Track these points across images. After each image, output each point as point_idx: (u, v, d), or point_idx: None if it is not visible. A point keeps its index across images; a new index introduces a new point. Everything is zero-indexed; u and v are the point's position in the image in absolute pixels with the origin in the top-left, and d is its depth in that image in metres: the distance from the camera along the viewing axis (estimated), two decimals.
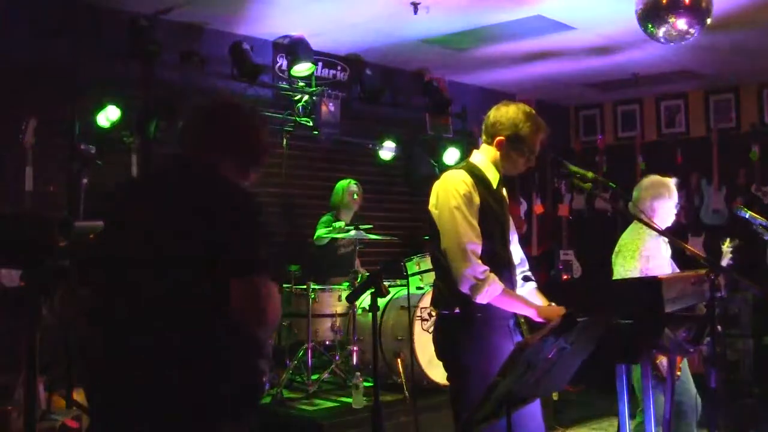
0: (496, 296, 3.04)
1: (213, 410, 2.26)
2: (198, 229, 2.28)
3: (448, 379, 3.24)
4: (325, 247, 6.24)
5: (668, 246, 4.31)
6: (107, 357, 2.32)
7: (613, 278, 4.13)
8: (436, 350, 3.26)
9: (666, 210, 4.27)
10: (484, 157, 3.27)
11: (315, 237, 6.22)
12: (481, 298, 3.03)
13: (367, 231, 5.88)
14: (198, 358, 2.25)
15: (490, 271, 3.04)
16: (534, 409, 3.07)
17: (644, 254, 4.12)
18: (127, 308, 2.30)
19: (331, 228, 6.06)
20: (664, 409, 3.69)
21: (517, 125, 3.20)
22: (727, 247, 4.63)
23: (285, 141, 6.34)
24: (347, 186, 6.38)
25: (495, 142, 3.23)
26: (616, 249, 4.25)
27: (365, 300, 5.30)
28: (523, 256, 3.46)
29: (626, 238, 4.24)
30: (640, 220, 3.78)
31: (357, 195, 6.38)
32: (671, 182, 4.33)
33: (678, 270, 4.25)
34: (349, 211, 6.39)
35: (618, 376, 3.53)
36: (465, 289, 3.04)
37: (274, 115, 6.23)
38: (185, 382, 2.24)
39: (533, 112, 3.26)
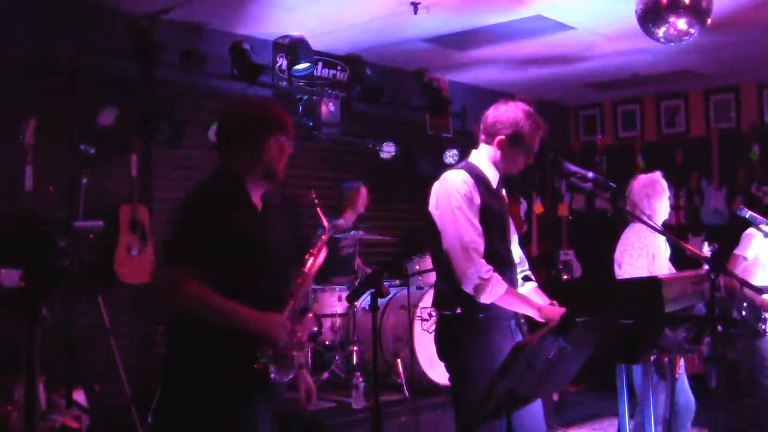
0: (500, 295, 3.03)
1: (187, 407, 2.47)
2: None
3: (449, 379, 3.23)
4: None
5: (667, 246, 4.31)
6: None
7: (620, 277, 4.14)
8: (437, 351, 3.25)
9: (663, 207, 4.32)
10: (484, 157, 3.27)
11: None
12: (485, 298, 3.02)
13: (366, 231, 5.86)
14: (175, 354, 2.52)
15: (494, 270, 3.04)
16: (535, 410, 3.06)
17: (650, 252, 4.14)
18: None
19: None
20: (664, 408, 3.69)
21: (517, 123, 3.19)
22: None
23: None
24: (360, 189, 6.38)
25: (495, 141, 3.23)
26: (621, 248, 4.24)
27: (365, 300, 5.29)
28: (522, 256, 3.45)
29: (631, 237, 4.24)
30: (642, 221, 3.78)
31: (367, 199, 6.39)
32: (660, 177, 4.37)
33: (675, 270, 4.26)
34: (355, 213, 6.39)
35: (618, 376, 3.53)
36: (469, 289, 3.02)
37: None
38: (174, 378, 2.53)
39: (532, 110, 3.26)
